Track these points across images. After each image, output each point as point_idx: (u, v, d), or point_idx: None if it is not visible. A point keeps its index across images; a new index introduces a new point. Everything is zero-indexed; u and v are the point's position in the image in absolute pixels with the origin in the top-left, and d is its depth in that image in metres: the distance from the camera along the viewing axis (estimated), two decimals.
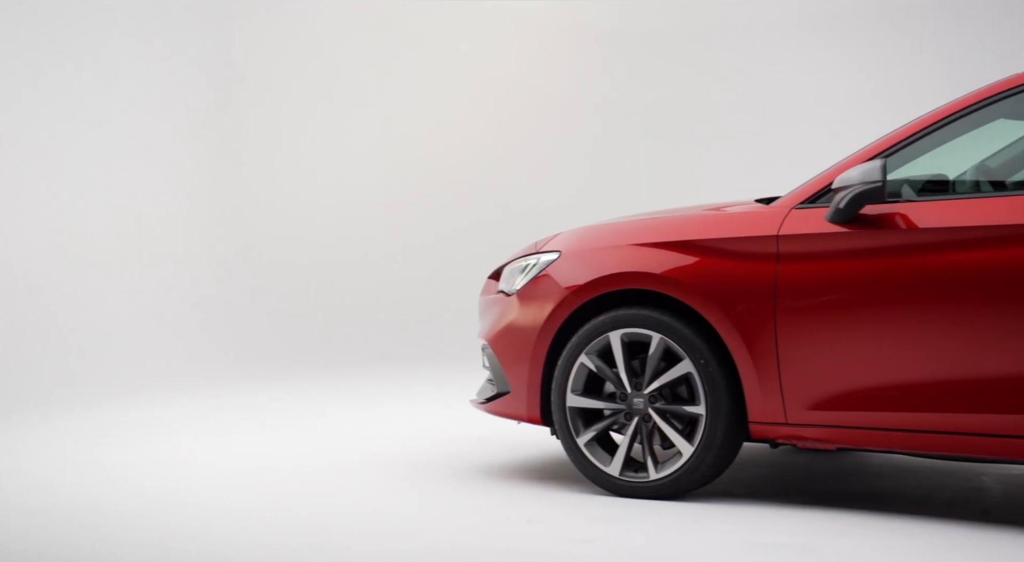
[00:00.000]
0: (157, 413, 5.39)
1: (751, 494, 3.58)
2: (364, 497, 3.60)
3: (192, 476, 3.95)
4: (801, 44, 7.67)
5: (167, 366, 6.49)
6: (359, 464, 4.14)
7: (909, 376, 3.14)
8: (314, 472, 4.01)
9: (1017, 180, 3.48)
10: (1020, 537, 3.02)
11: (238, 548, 2.96)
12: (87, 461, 4.23)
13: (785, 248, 3.34)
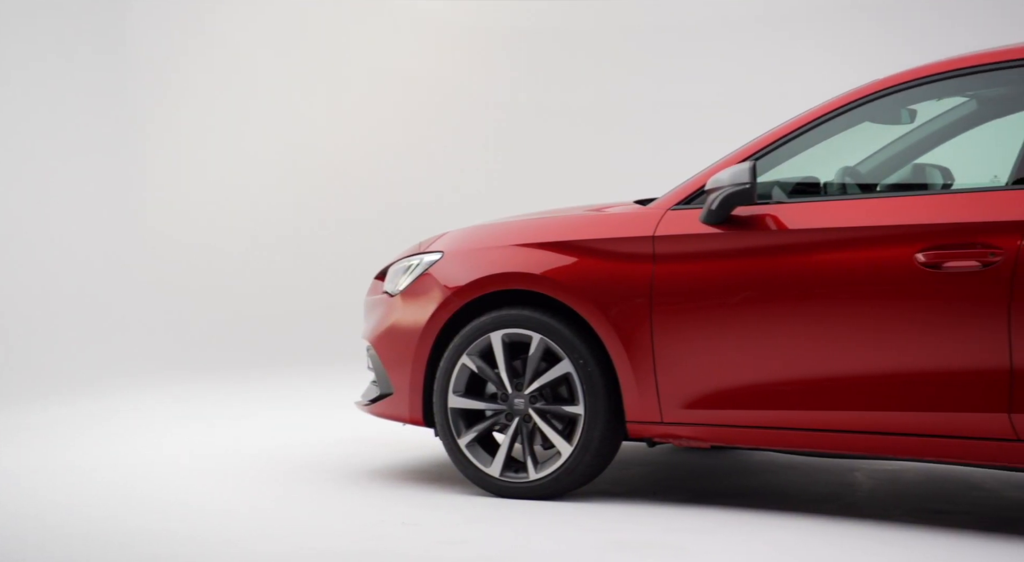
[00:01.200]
0: (51, 416, 5.21)
1: (630, 493, 3.62)
2: (239, 501, 3.53)
3: (64, 482, 3.83)
4: (711, 44, 7.79)
5: (55, 368, 6.28)
6: (239, 468, 4.06)
7: (780, 374, 3.21)
8: (193, 476, 3.92)
9: (884, 183, 3.59)
10: (879, 530, 3.11)
11: (95, 549, 2.87)
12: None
13: (661, 249, 3.39)
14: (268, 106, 7.98)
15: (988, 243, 2.95)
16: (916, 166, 3.64)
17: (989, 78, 3.28)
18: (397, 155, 8.12)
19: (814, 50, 7.39)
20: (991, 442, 2.97)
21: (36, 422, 5.12)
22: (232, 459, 4.23)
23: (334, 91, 8.11)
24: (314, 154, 8.07)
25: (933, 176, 3.52)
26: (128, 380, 6.35)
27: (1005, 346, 2.92)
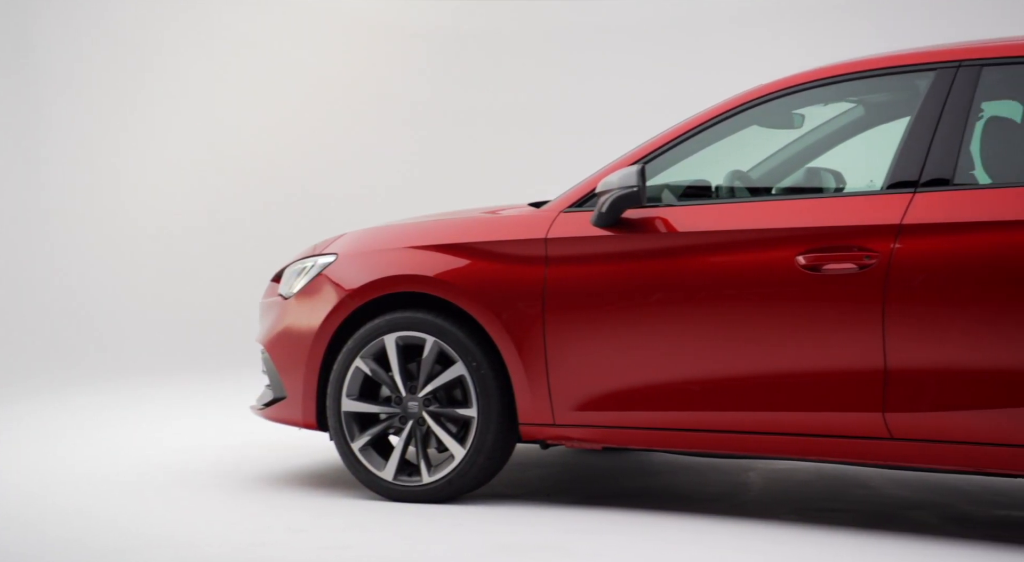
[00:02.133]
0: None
1: (526, 495, 3.62)
2: (128, 509, 3.45)
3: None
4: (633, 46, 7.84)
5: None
6: (133, 476, 3.97)
7: (667, 376, 3.24)
8: (83, 483, 3.82)
9: (774, 186, 3.65)
10: (764, 528, 3.16)
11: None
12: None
13: (553, 251, 3.40)
14: (181, 107, 7.83)
15: (864, 246, 3.02)
16: (809, 170, 3.71)
17: (873, 84, 3.36)
18: (309, 155, 8.02)
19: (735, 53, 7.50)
20: (867, 440, 3.04)
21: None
22: (125, 466, 4.14)
23: (251, 91, 7.99)
24: (227, 155, 7.93)
25: (825, 180, 3.60)
26: (18, 388, 6.17)
27: (880, 347, 2.99)
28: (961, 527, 3.18)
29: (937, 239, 2.93)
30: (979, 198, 2.94)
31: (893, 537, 3.06)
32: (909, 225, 2.98)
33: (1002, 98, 3.25)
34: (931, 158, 3.02)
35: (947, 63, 3.07)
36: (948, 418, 2.92)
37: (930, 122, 3.05)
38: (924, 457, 2.98)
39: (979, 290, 2.87)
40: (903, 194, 3.03)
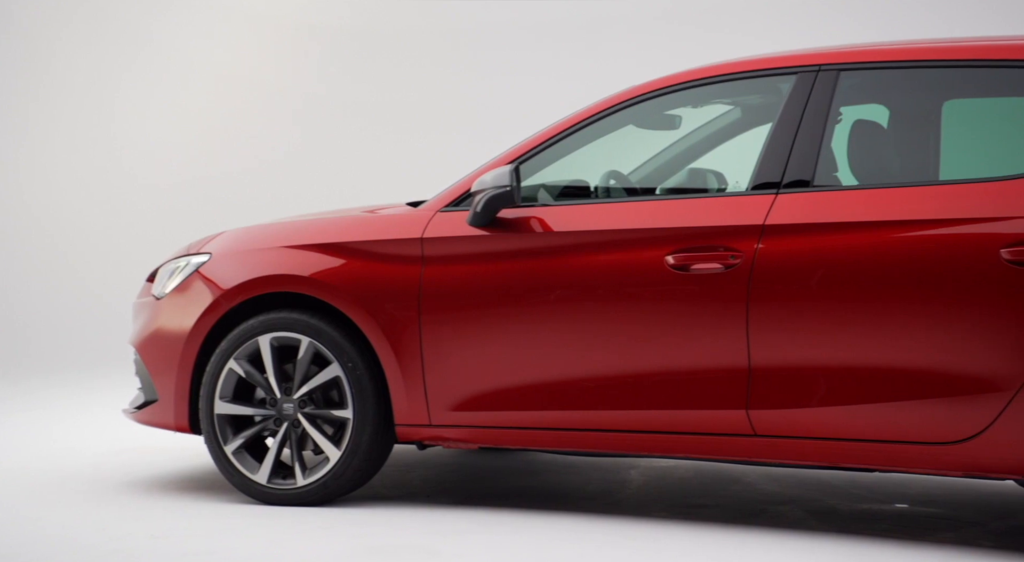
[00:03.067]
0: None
1: (405, 496, 3.60)
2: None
3: None
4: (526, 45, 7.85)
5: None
6: (7, 481, 3.83)
7: (541, 375, 3.25)
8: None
9: (653, 186, 3.70)
10: (632, 525, 3.19)
11: None
12: None
13: (429, 251, 3.39)
14: (71, 101, 7.60)
15: (729, 246, 3.08)
16: (689, 170, 3.77)
17: (740, 86, 3.42)
18: (199, 150, 7.84)
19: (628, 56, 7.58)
20: (732, 437, 3.10)
21: None
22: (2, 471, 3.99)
23: (141, 85, 7.79)
24: (116, 150, 7.72)
25: (703, 181, 3.66)
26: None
27: (744, 345, 3.05)
28: (823, 521, 3.27)
29: (798, 239, 3.00)
30: (838, 199, 3.02)
31: (756, 531, 3.12)
32: (771, 225, 3.05)
33: (860, 102, 3.36)
34: (792, 160, 3.09)
35: (807, 67, 3.14)
36: (809, 415, 2.99)
37: (791, 125, 3.12)
38: (786, 453, 3.05)
39: (838, 289, 2.95)
40: (766, 195, 3.09)
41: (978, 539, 3.02)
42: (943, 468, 2.88)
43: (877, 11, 6.79)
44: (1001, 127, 3.44)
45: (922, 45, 3.16)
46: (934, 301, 2.84)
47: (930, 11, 6.69)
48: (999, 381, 2.76)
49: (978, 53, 3.00)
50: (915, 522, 3.25)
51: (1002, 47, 3.00)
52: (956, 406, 2.81)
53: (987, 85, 3.14)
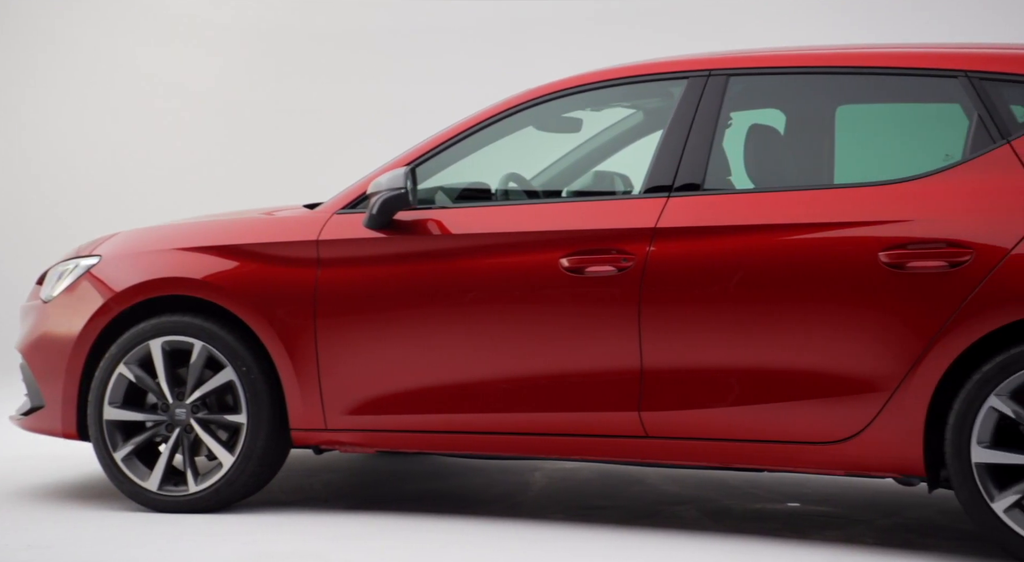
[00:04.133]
0: None
1: (304, 502, 3.55)
2: None
3: None
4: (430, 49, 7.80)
5: None
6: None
7: (436, 379, 3.23)
8: None
9: (555, 189, 3.70)
10: (527, 528, 3.19)
11: None
12: None
13: (325, 253, 3.35)
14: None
15: (622, 249, 3.09)
16: (590, 173, 3.79)
17: (635, 90, 3.45)
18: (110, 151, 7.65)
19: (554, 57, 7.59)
20: (624, 439, 3.11)
21: None
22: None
23: (64, 87, 7.58)
24: (35, 150, 7.51)
25: (604, 183, 3.67)
26: None
27: (636, 347, 3.07)
28: (716, 521, 3.30)
29: (688, 242, 3.03)
30: (728, 203, 3.06)
31: (648, 532, 3.15)
32: (663, 228, 3.07)
33: (757, 107, 3.40)
34: (684, 164, 3.12)
35: (697, 72, 3.18)
36: (699, 416, 3.02)
37: (682, 129, 3.15)
38: (677, 454, 3.07)
39: (726, 291, 2.98)
40: (658, 198, 3.12)
41: (862, 536, 3.08)
42: (826, 467, 2.93)
43: (805, 11, 6.85)
44: (890, 132, 3.52)
45: (813, 52, 3.21)
46: (818, 304, 2.89)
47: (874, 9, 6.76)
48: (877, 382, 2.82)
49: (869, 60, 3.06)
50: (806, 521, 3.30)
51: (892, 55, 3.06)
52: (837, 406, 2.86)
53: (878, 91, 3.20)
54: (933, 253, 2.76)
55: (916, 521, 3.25)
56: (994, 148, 2.79)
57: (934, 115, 3.17)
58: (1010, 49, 2.96)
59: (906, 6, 6.55)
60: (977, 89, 2.84)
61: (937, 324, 2.74)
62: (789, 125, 3.40)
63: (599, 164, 3.85)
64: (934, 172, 2.84)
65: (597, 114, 3.78)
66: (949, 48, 3.00)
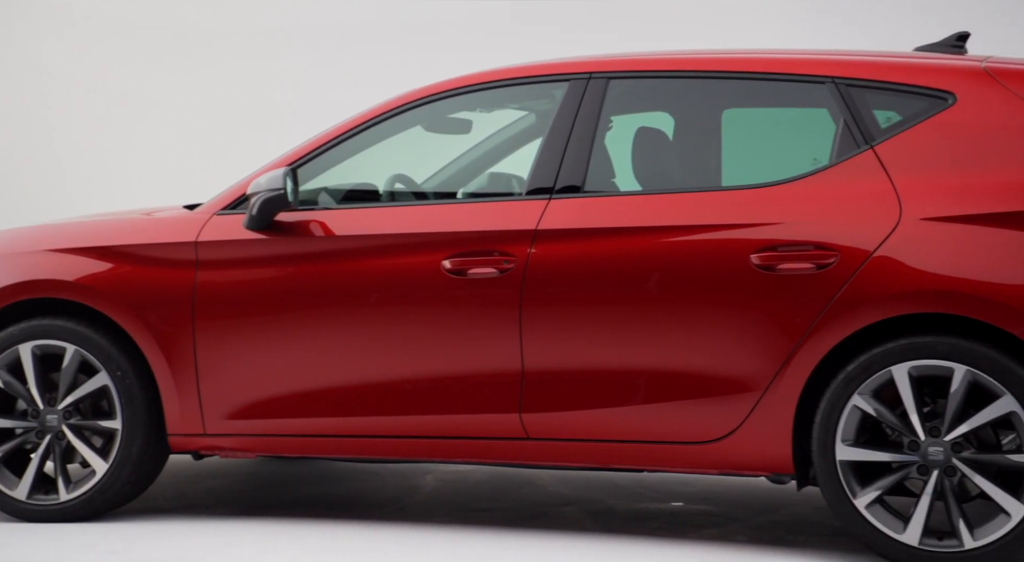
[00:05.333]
0: None
1: (185, 508, 3.47)
2: None
3: None
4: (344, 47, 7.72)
5: None
6: None
7: (318, 382, 3.19)
8: None
9: (444, 191, 3.69)
10: (409, 531, 3.16)
11: None
12: None
13: (204, 255, 3.28)
14: None
15: (504, 251, 3.09)
16: (480, 174, 3.78)
17: (523, 92, 3.44)
18: None
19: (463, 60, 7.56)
20: (506, 441, 3.11)
21: None
22: None
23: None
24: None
25: (505, 184, 3.66)
26: None
27: (517, 349, 3.06)
28: (597, 521, 3.33)
29: (568, 244, 3.04)
30: (608, 205, 3.08)
31: (529, 534, 3.15)
32: (544, 230, 3.08)
33: (634, 110, 3.44)
34: (564, 166, 3.13)
35: (578, 75, 3.19)
36: (578, 417, 3.02)
37: (563, 131, 3.16)
38: (557, 456, 3.08)
39: (604, 293, 2.99)
40: (540, 200, 3.12)
41: (736, 534, 3.13)
42: (701, 467, 2.97)
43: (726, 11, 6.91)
44: (769, 136, 3.58)
45: (690, 56, 3.24)
46: (692, 305, 2.92)
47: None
48: (749, 382, 2.86)
49: (747, 65, 3.11)
50: (686, 520, 3.34)
51: (767, 60, 3.11)
52: (711, 407, 2.90)
53: (756, 96, 3.25)
54: (801, 255, 2.82)
55: (791, 518, 3.31)
56: (858, 153, 2.86)
57: (807, 120, 3.24)
58: (876, 56, 3.05)
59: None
60: (843, 95, 2.91)
61: (805, 325, 2.80)
62: (677, 128, 3.44)
63: (493, 166, 3.86)
64: (803, 176, 2.91)
65: (489, 116, 3.79)
66: (818, 54, 3.06)
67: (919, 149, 2.79)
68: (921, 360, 2.68)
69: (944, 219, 2.70)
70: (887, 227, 2.75)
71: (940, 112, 2.80)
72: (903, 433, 2.72)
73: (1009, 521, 2.62)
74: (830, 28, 6.47)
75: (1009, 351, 2.63)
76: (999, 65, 2.84)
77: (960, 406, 2.67)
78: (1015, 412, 2.60)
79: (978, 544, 2.63)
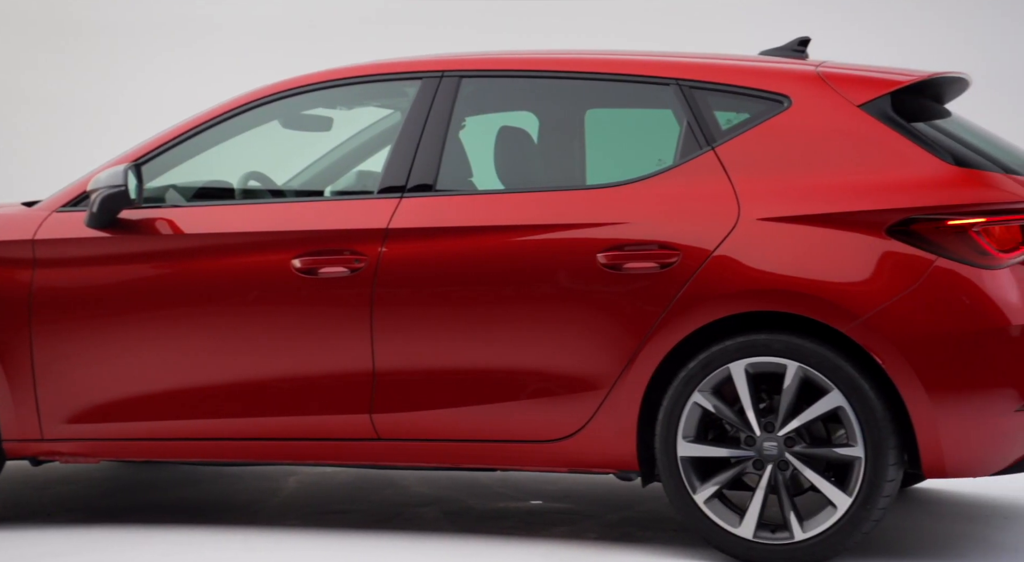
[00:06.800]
0: None
1: (24, 517, 3.33)
2: None
3: None
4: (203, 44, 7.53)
5: None
6: None
7: (163, 384, 3.10)
8: None
9: (296, 189, 3.62)
10: (258, 535, 3.11)
11: None
12: None
13: (42, 253, 3.15)
14: None
15: (355, 250, 3.05)
16: (358, 173, 3.71)
17: (377, 90, 3.40)
18: None
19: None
20: (357, 442, 3.07)
21: None
22: None
23: None
24: None
25: (363, 183, 3.61)
26: None
27: (368, 349, 3.03)
28: (453, 521, 3.31)
29: (419, 243, 3.02)
30: (460, 204, 3.06)
31: (379, 536, 3.12)
32: (395, 229, 3.05)
33: (490, 109, 3.43)
34: (416, 165, 3.11)
35: (431, 73, 3.17)
36: (429, 417, 3.01)
37: (416, 130, 3.13)
38: (408, 456, 3.06)
39: (455, 292, 2.98)
40: (391, 199, 3.09)
41: (586, 532, 3.16)
42: (550, 465, 2.98)
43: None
44: (625, 136, 3.62)
45: (550, 56, 3.25)
46: (541, 305, 2.93)
47: None
48: (596, 380, 2.88)
49: (597, 66, 3.10)
50: (541, 518, 3.36)
51: (616, 62, 3.13)
52: (559, 405, 2.91)
53: (609, 97, 3.27)
54: (646, 255, 2.85)
55: (645, 514, 3.36)
56: (700, 154, 2.91)
57: (655, 121, 3.28)
58: (718, 59, 3.10)
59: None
60: (686, 97, 2.96)
61: (649, 324, 2.84)
62: (541, 128, 3.45)
63: (358, 165, 3.81)
64: (649, 176, 2.95)
65: (355, 114, 3.74)
66: (664, 56, 3.11)
67: (757, 151, 2.85)
68: (757, 357, 2.75)
69: (779, 219, 2.77)
70: (726, 227, 2.81)
71: (776, 115, 2.87)
72: (740, 429, 2.78)
73: (835, 513, 2.70)
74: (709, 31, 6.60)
75: (839, 348, 2.72)
76: (832, 70, 2.93)
77: (793, 402, 2.74)
78: (842, 407, 2.69)
79: (807, 535, 2.71)
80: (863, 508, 2.67)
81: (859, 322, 2.65)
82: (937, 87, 3.04)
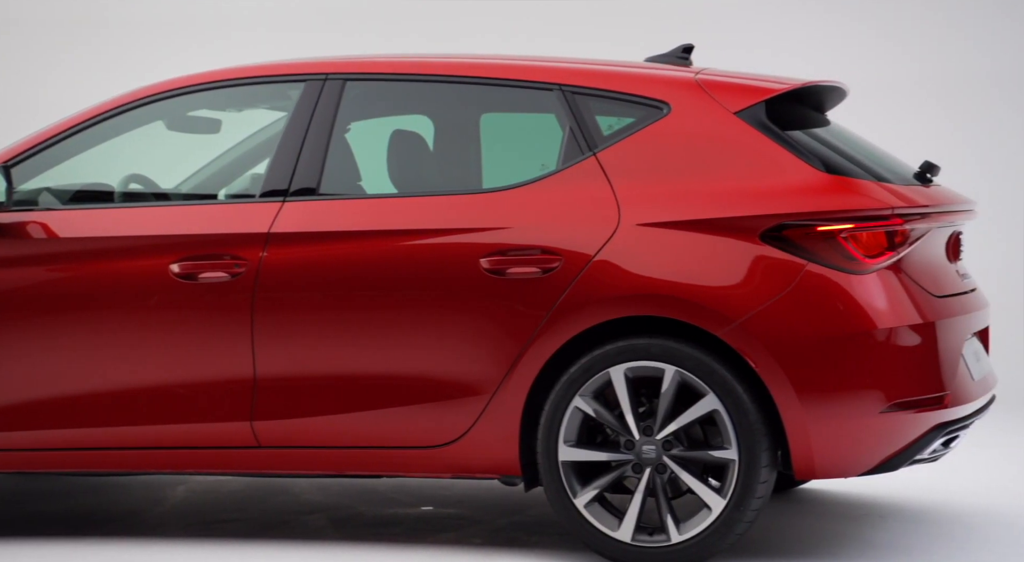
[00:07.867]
0: None
1: None
2: None
3: None
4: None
5: None
6: None
7: (41, 393, 3.01)
8: None
9: (181, 192, 3.54)
10: (136, 547, 3.05)
11: None
12: None
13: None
14: None
15: (236, 254, 2.99)
16: (239, 177, 3.65)
17: (259, 92, 3.33)
18: None
19: None
20: (237, 450, 3.01)
21: None
22: None
23: None
24: None
25: (247, 186, 3.53)
26: None
27: (249, 356, 2.97)
28: (339, 528, 3.27)
29: (300, 248, 2.97)
30: (342, 208, 3.02)
31: (261, 545, 3.07)
32: (277, 234, 2.99)
33: (381, 112, 3.41)
34: (299, 169, 3.06)
35: (315, 75, 3.12)
36: (309, 424, 2.97)
37: (298, 133, 3.09)
38: (290, 464, 3.01)
39: (336, 298, 2.95)
40: (274, 203, 3.04)
41: (472, 537, 3.14)
42: (434, 471, 2.96)
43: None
44: (514, 141, 3.62)
45: (439, 60, 3.23)
46: (424, 310, 2.91)
47: None
48: (478, 386, 2.87)
49: (478, 70, 3.08)
50: (430, 523, 3.34)
51: (500, 66, 3.11)
52: (442, 411, 2.90)
53: (503, 101, 3.26)
54: (528, 260, 2.85)
55: (534, 519, 3.36)
56: (582, 159, 2.93)
57: (540, 126, 3.29)
58: (601, 64, 3.12)
59: None
60: (569, 102, 2.97)
61: (531, 329, 2.84)
62: (436, 132, 3.42)
63: (249, 169, 3.73)
64: (532, 181, 2.95)
65: (240, 116, 3.67)
66: (549, 61, 3.12)
67: (637, 156, 2.88)
68: (636, 362, 2.77)
69: (657, 225, 2.80)
70: (607, 232, 2.82)
71: (656, 121, 2.89)
72: (620, 433, 2.80)
73: (710, 515, 2.73)
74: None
75: (715, 352, 2.75)
76: (710, 77, 2.97)
77: (671, 406, 2.76)
78: (717, 410, 2.72)
79: (683, 538, 2.74)
80: (736, 510, 2.71)
81: (733, 326, 2.69)
82: (816, 95, 3.11)
